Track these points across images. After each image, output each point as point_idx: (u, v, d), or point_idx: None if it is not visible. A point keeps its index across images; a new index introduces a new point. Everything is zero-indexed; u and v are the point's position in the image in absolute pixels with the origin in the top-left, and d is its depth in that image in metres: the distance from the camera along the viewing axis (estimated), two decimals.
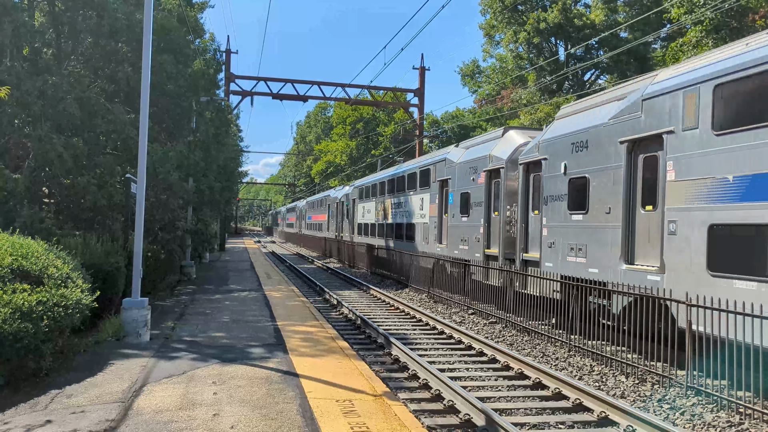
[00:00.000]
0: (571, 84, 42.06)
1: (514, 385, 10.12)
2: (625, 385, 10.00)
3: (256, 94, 42.63)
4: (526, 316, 14.49)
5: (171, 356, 9.95)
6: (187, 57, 19.98)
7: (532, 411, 8.79)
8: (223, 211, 39.07)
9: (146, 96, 11.66)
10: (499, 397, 9.42)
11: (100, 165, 15.22)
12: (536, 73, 40.86)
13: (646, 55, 38.41)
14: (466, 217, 19.74)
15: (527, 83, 41.80)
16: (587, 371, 10.92)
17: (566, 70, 35.67)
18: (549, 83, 38.58)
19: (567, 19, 38.72)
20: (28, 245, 9.64)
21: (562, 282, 13.21)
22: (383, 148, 66.62)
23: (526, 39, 40.88)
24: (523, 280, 14.88)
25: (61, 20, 16.30)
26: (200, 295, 18.57)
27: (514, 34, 42.48)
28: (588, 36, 37.93)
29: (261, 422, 6.64)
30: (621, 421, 8.03)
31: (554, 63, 40.26)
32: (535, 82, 40.06)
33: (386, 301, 20.12)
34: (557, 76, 36.27)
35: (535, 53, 42.62)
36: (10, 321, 7.75)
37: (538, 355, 12.20)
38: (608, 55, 36.67)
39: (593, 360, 11.43)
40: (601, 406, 8.49)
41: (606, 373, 10.72)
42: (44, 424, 6.63)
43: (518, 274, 15.20)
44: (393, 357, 11.79)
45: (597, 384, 10.15)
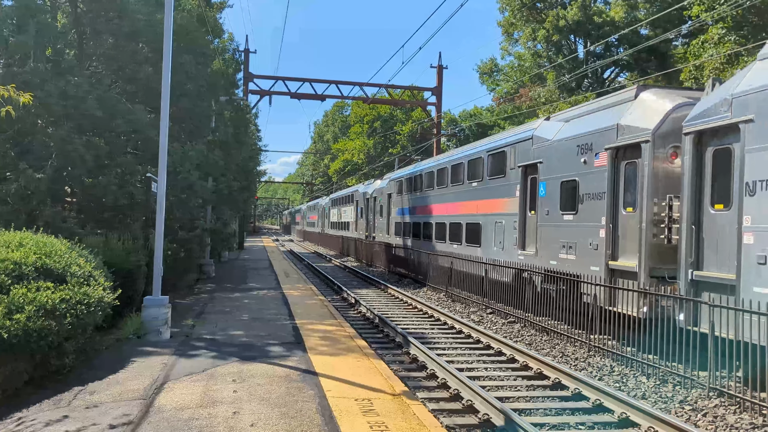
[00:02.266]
0: (590, 82, 41.69)
1: (533, 385, 10.06)
2: (646, 386, 9.90)
3: (274, 94, 42.86)
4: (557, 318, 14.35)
5: (191, 354, 10.03)
6: (206, 57, 20.15)
7: (552, 411, 8.73)
8: (241, 210, 39.28)
9: (167, 96, 11.77)
10: (519, 397, 9.37)
11: (121, 165, 15.38)
12: (555, 71, 40.56)
13: (666, 53, 37.96)
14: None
15: (546, 81, 41.51)
16: (607, 372, 10.82)
17: (585, 68, 35.36)
18: (568, 81, 38.28)
19: (586, 17, 38.38)
20: (51, 244, 9.78)
21: (391, 245, 9.49)
22: (401, 147, 66.60)
23: (545, 37, 40.60)
24: (386, 247, 10.59)
25: (83, 21, 16.51)
26: (219, 294, 18.71)
27: (532, 32, 42.22)
28: (608, 33, 37.55)
29: (280, 420, 6.67)
30: (642, 422, 7.95)
31: (573, 61, 39.93)
32: (554, 80, 39.78)
33: (404, 300, 20.11)
34: (576, 73, 35.98)
35: (554, 51, 42.31)
36: (34, 318, 7.87)
37: (558, 355, 12.12)
38: (628, 52, 36.28)
39: (613, 360, 11.33)
40: (622, 407, 8.41)
41: (626, 373, 10.61)
42: (67, 421, 6.72)
43: (369, 243, 11.00)
44: (411, 356, 11.78)
45: (617, 385, 10.06)
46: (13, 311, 7.83)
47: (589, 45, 39.32)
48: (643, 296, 11.10)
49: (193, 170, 16.91)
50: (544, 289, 14.50)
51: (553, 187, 15.36)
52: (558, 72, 40.27)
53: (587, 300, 12.71)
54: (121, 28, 15.99)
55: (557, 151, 15.31)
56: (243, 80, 40.65)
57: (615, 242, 12.98)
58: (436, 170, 25.42)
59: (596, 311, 12.21)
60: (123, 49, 16.93)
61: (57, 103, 13.90)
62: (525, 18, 42.81)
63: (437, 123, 46.96)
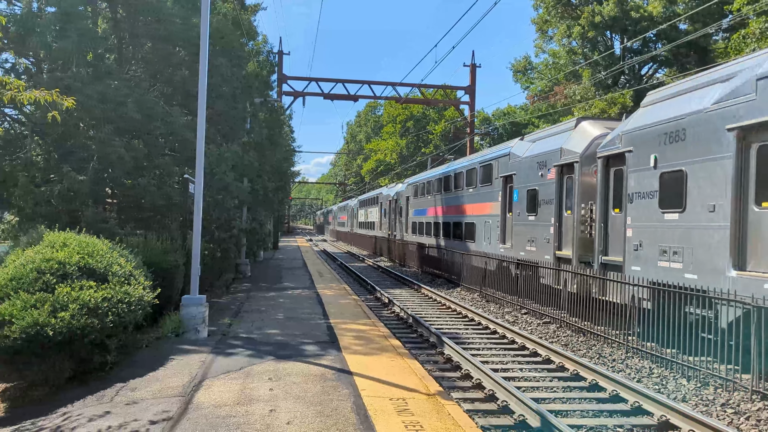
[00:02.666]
0: (627, 79, 40.95)
1: (569, 386, 9.95)
2: (687, 388, 9.70)
3: (307, 95, 43.18)
4: (589, 319, 14.21)
5: (228, 352, 10.18)
6: (241, 59, 20.41)
7: (589, 413, 8.62)
8: (276, 211, 39.68)
9: (203, 99, 11.97)
10: (555, 398, 9.28)
11: (159, 166, 15.69)
12: (591, 68, 39.96)
13: (707, 48, 37.06)
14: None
15: (581, 79, 40.92)
16: (646, 374, 10.63)
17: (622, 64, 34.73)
18: (604, 78, 37.67)
19: (623, 12, 37.68)
20: (93, 244, 10.03)
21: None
22: (433, 147, 66.42)
23: (580, 33, 40.02)
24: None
25: (122, 26, 16.88)
26: (255, 293, 18.94)
27: (567, 29, 41.67)
28: (645, 28, 36.82)
29: (316, 419, 6.73)
30: (683, 425, 7.80)
31: (609, 57, 39.26)
32: (590, 78, 39.18)
33: (438, 300, 20.07)
34: (613, 70, 35.36)
35: (590, 48, 41.69)
36: (78, 316, 8.09)
37: (594, 357, 11.95)
38: (666, 48, 35.54)
39: (652, 362, 11.12)
40: (662, 409, 8.26)
41: (666, 375, 10.41)
42: (109, 416, 6.90)
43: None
44: (445, 356, 11.76)
45: (657, 387, 9.88)
46: (58, 309, 8.06)
47: (626, 41, 38.59)
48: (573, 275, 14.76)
49: (229, 171, 17.14)
50: (517, 275, 18.00)
51: (523, 193, 19.40)
52: (594, 69, 39.65)
53: (543, 281, 16.34)
54: (159, 32, 16.29)
55: (525, 166, 19.40)
56: (277, 82, 41.05)
57: (560, 237, 17.04)
58: (443, 177, 29.37)
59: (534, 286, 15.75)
60: (160, 53, 17.25)
61: (97, 107, 14.24)
62: (559, 15, 42.27)
63: (470, 122, 46.70)
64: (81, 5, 15.86)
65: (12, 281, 8.50)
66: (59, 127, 14.09)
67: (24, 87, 7.59)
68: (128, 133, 15.48)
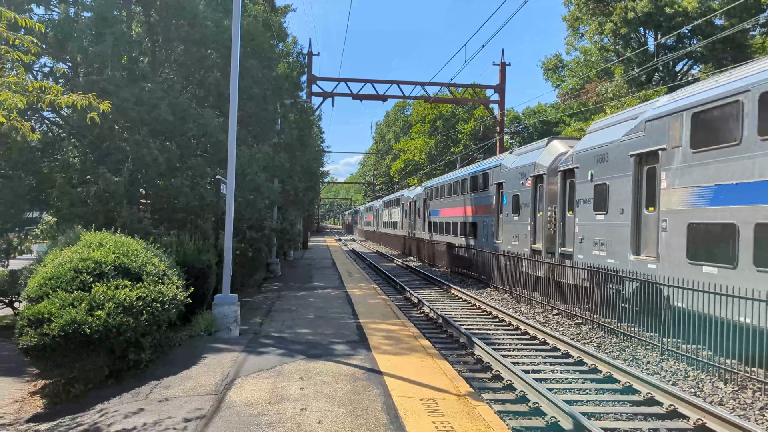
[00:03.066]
0: (661, 76, 40.19)
1: (602, 388, 9.82)
2: (724, 391, 9.49)
3: (336, 95, 43.38)
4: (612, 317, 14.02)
5: (259, 351, 10.29)
6: (271, 61, 20.58)
7: (623, 416, 8.50)
8: (306, 211, 39.97)
9: (235, 101, 12.11)
10: (587, 400, 9.17)
11: (191, 167, 15.91)
12: (623, 65, 39.32)
13: (743, 43, 36.17)
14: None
15: (613, 76, 40.29)
16: (681, 376, 10.44)
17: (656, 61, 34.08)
18: (637, 75, 37.03)
19: (657, 8, 36.97)
20: (128, 244, 10.23)
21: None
22: (463, 146, 66.10)
23: (613, 30, 39.40)
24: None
25: (156, 30, 17.16)
26: (285, 292, 19.10)
27: (599, 26, 41.07)
28: (680, 24, 36.10)
29: (347, 418, 6.76)
30: (720, 429, 7.64)
31: (643, 54, 38.57)
32: (622, 75, 38.56)
33: (467, 300, 19.98)
34: (646, 67, 34.74)
35: (622, 44, 41.03)
36: (113, 315, 8.26)
37: (628, 358, 11.77)
38: (702, 44, 34.79)
39: (688, 365, 10.91)
40: (698, 413, 8.10)
41: (702, 378, 10.21)
42: (144, 413, 7.03)
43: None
44: (476, 357, 11.70)
45: (693, 390, 9.69)
46: (95, 308, 8.24)
47: (660, 37, 37.88)
48: (540, 263, 18.62)
49: (260, 172, 17.31)
50: (505, 265, 21.44)
51: (509, 198, 23.61)
52: (626, 66, 39.02)
53: (523, 269, 19.74)
54: (191, 35, 16.52)
55: (511, 175, 23.67)
56: (306, 83, 41.32)
57: (534, 233, 21.35)
58: (452, 182, 33.68)
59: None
60: (193, 56, 17.50)
61: (132, 109, 14.50)
62: (591, 11, 41.70)
63: (500, 121, 46.36)
64: (116, 10, 16.18)
65: (51, 280, 8.72)
66: (95, 130, 14.40)
67: (62, 91, 7.76)
68: (162, 134, 15.73)
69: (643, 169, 14.48)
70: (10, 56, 7.62)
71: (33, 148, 14.67)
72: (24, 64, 7.83)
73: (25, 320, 8.02)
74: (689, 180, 12.64)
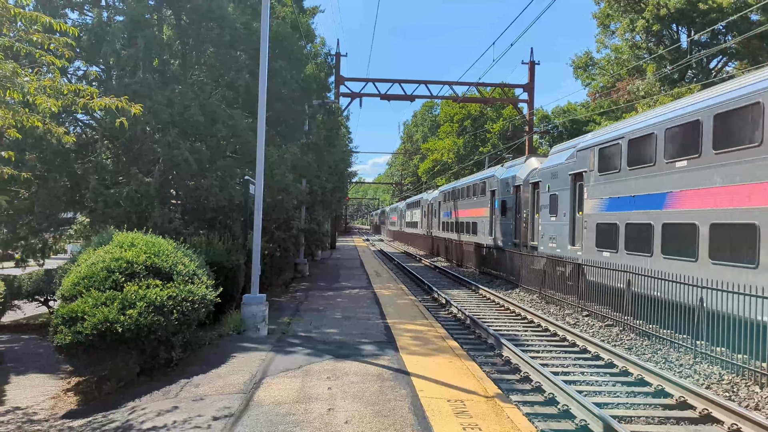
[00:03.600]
0: (694, 73, 39.37)
1: (633, 391, 9.67)
2: (760, 396, 9.26)
3: (364, 96, 43.40)
4: (644, 318, 13.80)
5: (287, 351, 10.35)
6: (299, 62, 20.70)
7: (655, 420, 8.35)
8: (334, 211, 40.17)
9: (263, 102, 12.21)
10: (618, 403, 9.03)
11: (221, 168, 16.08)
12: (655, 62, 38.63)
13: None
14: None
15: (645, 74, 39.61)
16: (715, 380, 10.21)
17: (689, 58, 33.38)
18: (669, 73, 36.34)
19: (690, 4, 36.20)
20: (159, 244, 10.37)
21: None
22: (491, 146, 65.65)
23: (645, 27, 38.73)
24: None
25: (187, 33, 17.38)
26: (313, 292, 19.20)
27: (630, 23, 40.41)
28: (714, 20, 35.32)
29: (374, 419, 6.76)
30: None
31: (675, 51, 37.83)
32: (654, 73, 37.88)
33: (496, 301, 19.84)
34: (679, 64, 34.06)
35: (654, 42, 40.30)
36: (145, 314, 8.38)
37: (660, 361, 11.56)
38: (737, 40, 34.01)
39: (722, 368, 10.67)
40: (732, 417, 7.92)
41: (737, 382, 9.97)
42: (176, 411, 7.12)
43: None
44: (504, 358, 11.61)
45: (727, 394, 9.47)
46: (126, 307, 8.38)
47: (694, 34, 37.12)
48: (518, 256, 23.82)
49: (288, 172, 17.41)
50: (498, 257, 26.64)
51: (500, 203, 29.02)
52: (659, 64, 38.32)
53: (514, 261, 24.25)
54: (221, 37, 16.70)
55: (501, 184, 29.13)
56: (334, 83, 41.44)
57: (517, 230, 26.80)
58: (458, 188, 39.68)
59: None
60: (222, 58, 17.69)
61: (164, 111, 14.71)
62: (622, 8, 41.05)
63: (529, 120, 45.95)
64: (148, 13, 16.44)
65: (84, 279, 8.89)
66: (127, 132, 14.65)
67: (96, 94, 7.91)
68: (192, 136, 15.92)
69: (576, 185, 19.75)
70: (45, 60, 7.79)
71: (67, 150, 14.97)
72: (58, 67, 7.98)
73: (59, 318, 8.20)
74: (597, 193, 17.94)
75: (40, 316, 15.35)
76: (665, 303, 13.11)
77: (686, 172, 13.56)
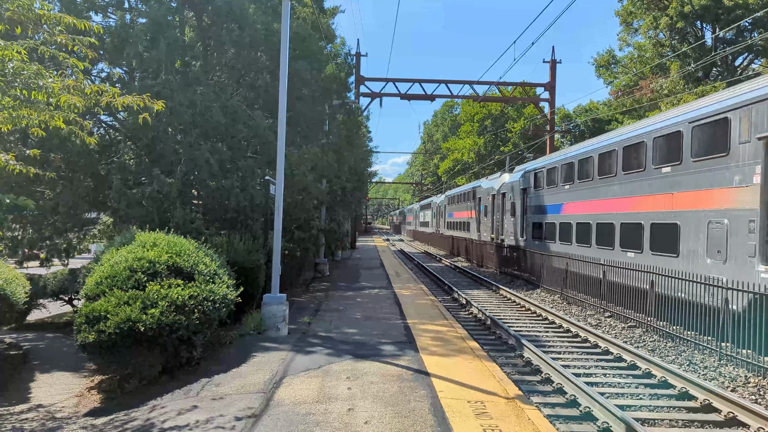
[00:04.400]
0: (719, 71, 38.72)
1: (656, 393, 9.53)
2: None
3: (384, 95, 43.39)
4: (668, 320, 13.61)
5: (307, 350, 10.37)
6: (320, 63, 20.72)
7: (678, 423, 8.22)
8: (354, 211, 40.24)
9: (284, 102, 12.26)
10: (641, 405, 8.91)
11: (242, 168, 16.17)
12: (679, 60, 38.08)
13: None
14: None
15: (668, 72, 39.06)
16: (741, 383, 10.03)
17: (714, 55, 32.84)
18: (694, 71, 35.79)
19: (715, 0, 35.66)
20: (180, 243, 10.46)
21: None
22: (512, 145, 65.26)
23: (668, 24, 38.20)
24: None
25: (208, 34, 17.52)
26: (333, 292, 19.23)
27: (654, 20, 39.88)
28: (740, 17, 34.72)
29: (394, 419, 6.74)
30: None
31: (700, 49, 37.24)
32: (678, 70, 37.34)
33: (516, 301, 19.71)
34: (704, 62, 33.54)
35: (678, 39, 39.72)
36: (166, 313, 8.46)
37: (684, 363, 11.39)
38: (763, 36, 33.40)
39: (748, 371, 10.48)
40: (759, 421, 7.77)
41: (764, 385, 9.78)
42: (197, 410, 7.17)
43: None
44: (525, 359, 11.52)
45: (753, 397, 9.29)
46: (148, 306, 8.46)
47: (719, 31, 36.52)
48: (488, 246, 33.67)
49: (308, 172, 17.45)
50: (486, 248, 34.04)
51: (483, 207, 35.98)
52: (683, 61, 37.76)
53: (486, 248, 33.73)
54: (242, 38, 16.78)
55: (484, 193, 36.02)
56: (354, 83, 41.47)
57: (493, 228, 33.18)
58: (457, 194, 47.78)
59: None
60: (243, 59, 17.79)
61: (185, 112, 14.84)
62: (645, 6, 40.53)
63: (551, 119, 45.58)
64: (170, 15, 16.59)
65: (107, 279, 9.00)
66: (150, 133, 14.79)
67: (119, 93, 8.00)
68: (213, 136, 16.03)
69: (524, 196, 27.81)
70: (68, 62, 7.89)
71: (91, 151, 15.17)
72: (81, 69, 8.08)
73: (82, 317, 8.30)
74: (534, 203, 26.28)
75: (64, 315, 15.59)
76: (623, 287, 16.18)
77: (570, 192, 22.30)
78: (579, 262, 19.04)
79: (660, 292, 14.11)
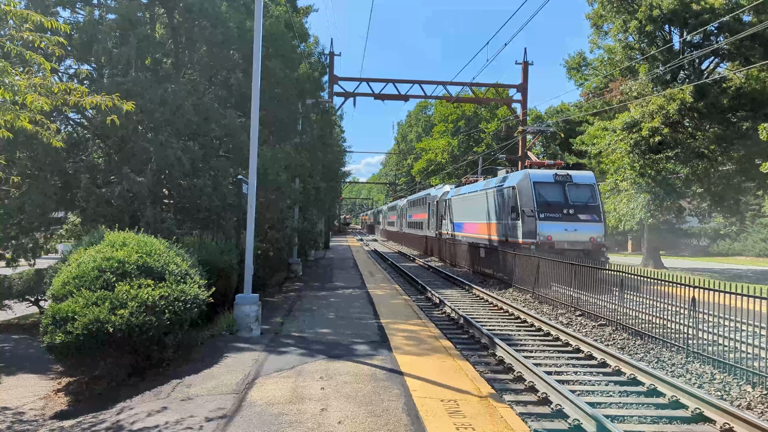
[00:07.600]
0: (687, 74, 39.45)
1: (626, 390, 9.68)
2: (752, 395, 9.28)
3: (358, 95, 43.44)
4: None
5: (280, 351, 10.31)
6: (293, 62, 20.63)
7: (647, 419, 8.36)
8: (328, 211, 40.23)
9: (257, 101, 12.16)
10: (611, 402, 9.04)
11: (214, 167, 16.01)
12: (648, 63, 38.72)
13: None
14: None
15: (638, 74, 39.69)
16: (708, 379, 10.24)
17: (681, 59, 33.40)
18: (662, 74, 36.46)
19: (683, 5, 36.24)
20: (151, 243, 10.32)
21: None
22: (485, 146, 65.74)
23: (638, 28, 38.80)
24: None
25: (179, 31, 17.31)
26: (306, 292, 19.14)
27: (623, 23, 40.49)
28: (706, 21, 35.43)
29: (367, 419, 6.73)
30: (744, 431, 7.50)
31: (668, 52, 37.90)
32: (647, 73, 37.97)
33: (489, 300, 19.85)
34: (672, 65, 34.14)
35: (647, 42, 40.38)
36: (136, 314, 8.34)
37: (652, 360, 11.59)
38: (729, 40, 34.13)
39: (714, 367, 10.70)
40: (725, 417, 7.93)
41: (729, 382, 10.00)
42: (167, 412, 7.07)
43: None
44: (497, 358, 11.61)
45: (719, 393, 9.50)
46: (118, 307, 8.33)
47: (686, 35, 37.23)
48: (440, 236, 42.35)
49: (282, 172, 17.35)
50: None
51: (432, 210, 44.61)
52: (651, 64, 38.41)
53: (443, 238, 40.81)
54: (214, 36, 16.61)
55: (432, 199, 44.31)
56: (328, 83, 41.42)
57: (438, 226, 43.17)
58: (414, 199, 55.84)
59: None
60: (216, 57, 17.61)
61: (156, 110, 14.64)
62: (615, 9, 41.13)
63: (522, 120, 46.04)
64: (140, 12, 16.34)
65: (75, 279, 8.83)
66: (119, 131, 14.55)
67: (87, 92, 7.85)
68: (185, 135, 15.84)
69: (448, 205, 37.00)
70: (35, 60, 7.72)
71: (59, 149, 14.86)
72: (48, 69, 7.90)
73: (49, 319, 8.14)
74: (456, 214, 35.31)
75: (30, 317, 15.26)
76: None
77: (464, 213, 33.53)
78: (550, 262, 19.27)
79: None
